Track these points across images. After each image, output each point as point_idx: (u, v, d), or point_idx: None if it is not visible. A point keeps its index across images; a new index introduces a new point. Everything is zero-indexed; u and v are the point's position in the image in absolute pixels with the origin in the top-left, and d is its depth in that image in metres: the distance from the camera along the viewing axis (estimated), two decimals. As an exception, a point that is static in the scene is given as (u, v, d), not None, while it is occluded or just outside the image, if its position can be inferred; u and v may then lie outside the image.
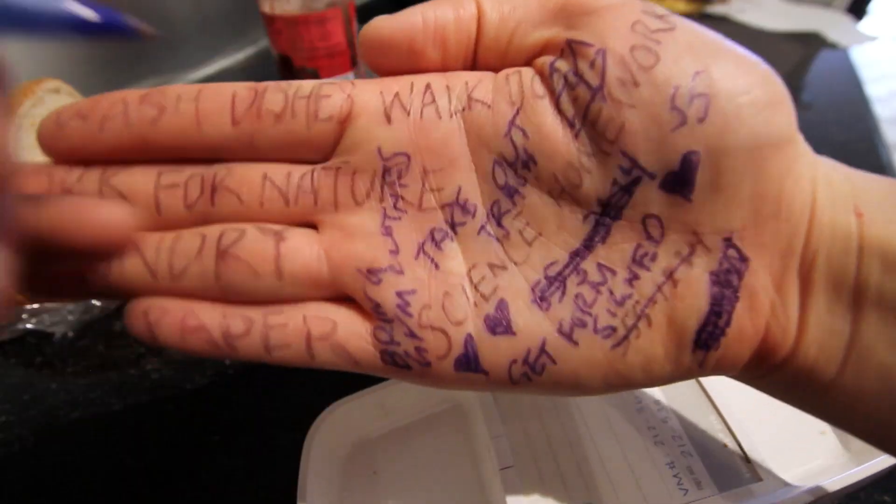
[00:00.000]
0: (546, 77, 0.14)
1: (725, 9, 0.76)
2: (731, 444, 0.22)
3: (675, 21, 0.13)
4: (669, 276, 0.13)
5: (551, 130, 0.13)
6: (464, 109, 0.14)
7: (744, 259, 0.13)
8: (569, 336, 0.14)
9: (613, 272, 0.14)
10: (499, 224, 0.14)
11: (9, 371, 0.30)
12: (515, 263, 0.14)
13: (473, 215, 0.14)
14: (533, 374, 0.14)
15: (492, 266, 0.14)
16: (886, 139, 0.51)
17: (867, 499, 0.24)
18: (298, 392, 0.29)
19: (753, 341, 0.14)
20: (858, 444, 0.23)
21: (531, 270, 0.14)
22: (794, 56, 0.66)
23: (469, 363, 0.14)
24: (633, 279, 0.14)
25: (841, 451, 0.23)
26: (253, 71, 0.64)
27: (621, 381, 0.14)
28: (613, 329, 0.14)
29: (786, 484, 0.21)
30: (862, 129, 0.52)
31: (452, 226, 0.14)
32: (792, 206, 0.13)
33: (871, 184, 0.14)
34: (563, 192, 0.14)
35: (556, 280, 0.14)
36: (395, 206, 0.14)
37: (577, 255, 0.14)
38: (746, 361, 0.14)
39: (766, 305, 0.13)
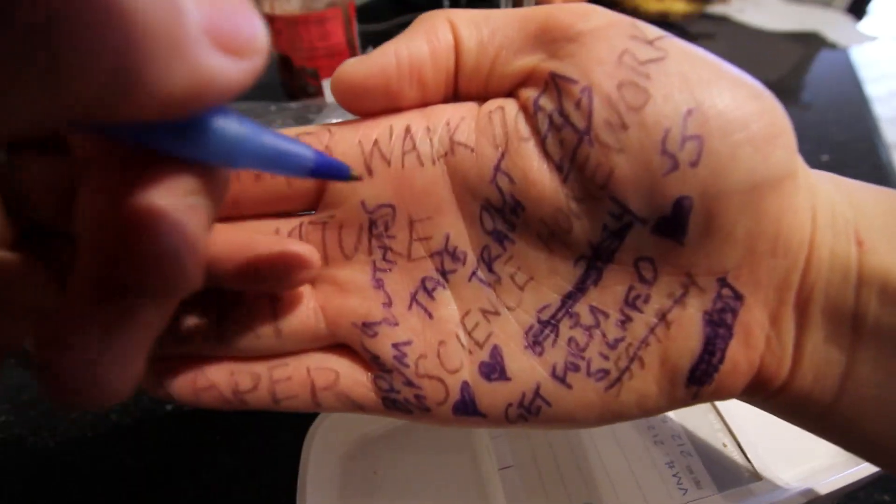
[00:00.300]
0: (530, 115, 0.13)
1: (725, 9, 0.76)
2: (731, 444, 0.22)
3: (667, 47, 0.12)
4: (662, 317, 0.13)
5: (538, 175, 0.13)
6: (446, 154, 0.13)
7: (738, 297, 0.13)
8: (562, 380, 0.14)
9: (606, 315, 0.14)
10: (490, 270, 0.14)
11: (9, 371, 0.30)
12: (508, 308, 0.14)
13: (464, 262, 0.14)
14: (529, 415, 0.14)
15: (485, 312, 0.14)
16: (886, 139, 0.51)
17: (867, 498, 0.24)
18: (298, 392, 0.29)
19: (747, 375, 0.14)
20: (858, 443, 0.23)
21: (524, 314, 0.14)
22: (794, 56, 0.66)
23: (467, 408, 0.14)
24: (625, 321, 0.13)
25: (841, 451, 0.23)
26: (253, 71, 0.63)
27: (615, 418, 0.14)
28: (606, 372, 0.14)
29: (786, 484, 0.21)
30: (862, 129, 0.52)
31: (443, 273, 0.14)
32: (790, 242, 0.12)
33: (876, 205, 0.13)
34: (553, 236, 0.13)
35: (549, 324, 0.14)
36: (384, 258, 0.14)
37: (569, 299, 0.14)
38: (741, 391, 0.14)
39: (760, 340, 0.13)
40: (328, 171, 0.11)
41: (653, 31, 0.12)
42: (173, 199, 0.09)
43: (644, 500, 0.21)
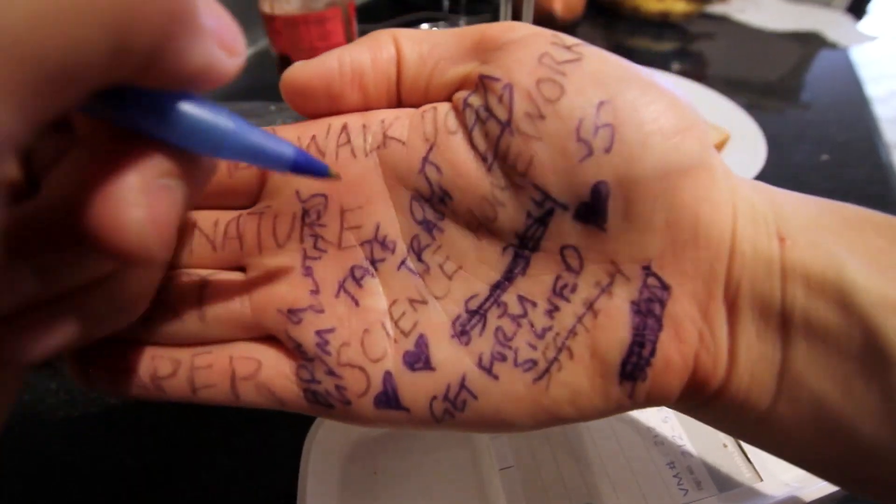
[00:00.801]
0: (460, 112, 0.14)
1: (725, 9, 0.76)
2: (732, 445, 0.22)
3: (583, 51, 0.13)
4: (590, 306, 0.13)
5: (464, 165, 0.13)
6: (379, 147, 0.14)
7: (665, 287, 0.13)
8: (488, 370, 0.14)
9: (534, 304, 0.14)
10: (419, 259, 0.14)
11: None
12: (436, 298, 0.14)
13: (393, 251, 0.14)
14: (455, 410, 0.14)
15: (412, 301, 0.14)
16: (886, 139, 0.51)
17: (867, 499, 0.24)
18: (298, 392, 0.29)
19: (683, 372, 0.13)
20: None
21: (452, 304, 0.14)
22: (794, 56, 0.66)
23: (389, 400, 0.14)
24: (553, 311, 0.14)
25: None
26: (253, 71, 0.64)
27: (549, 417, 0.14)
28: (534, 362, 0.13)
29: (786, 484, 0.21)
30: (862, 129, 0.52)
31: (373, 262, 0.14)
32: (710, 233, 0.13)
33: (797, 207, 0.14)
34: (481, 225, 0.14)
35: (477, 314, 0.14)
36: (314, 246, 0.14)
37: (497, 288, 0.14)
38: (679, 393, 0.14)
39: (692, 334, 0.13)
40: (307, 167, 0.12)
41: (571, 39, 0.13)
42: (147, 177, 0.10)
43: (644, 500, 0.21)
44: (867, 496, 0.14)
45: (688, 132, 0.13)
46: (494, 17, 0.61)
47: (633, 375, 0.13)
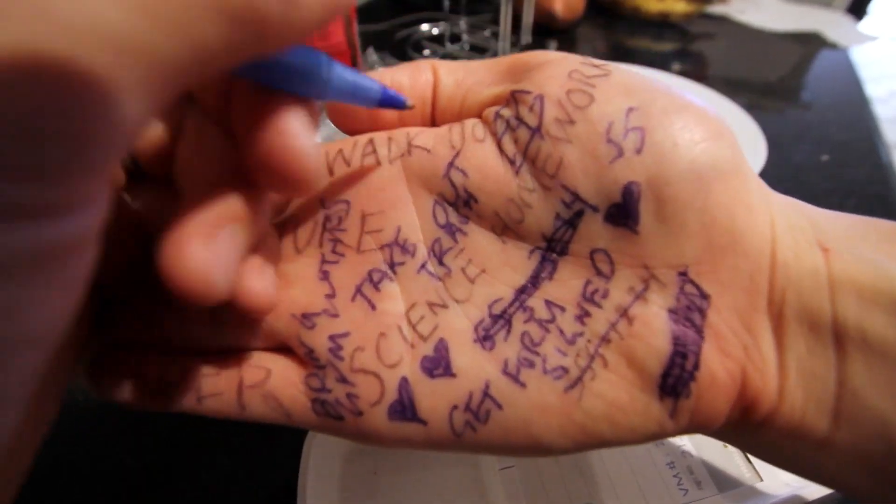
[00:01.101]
0: (489, 123, 0.14)
1: (725, 9, 0.76)
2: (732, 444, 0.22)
3: (611, 68, 0.13)
4: (623, 313, 0.13)
5: (492, 169, 0.13)
6: (403, 155, 0.14)
7: (704, 296, 0.12)
8: (515, 377, 0.13)
9: (562, 309, 0.13)
10: (440, 262, 0.14)
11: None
12: (458, 301, 0.14)
13: (413, 255, 0.14)
14: (477, 422, 0.13)
15: (431, 305, 0.14)
16: (886, 139, 0.51)
17: None
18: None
19: (730, 388, 0.13)
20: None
21: (474, 309, 0.13)
22: (794, 56, 0.66)
23: (404, 410, 0.13)
24: (583, 316, 0.13)
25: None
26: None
27: (583, 435, 0.13)
28: (565, 370, 0.13)
29: (786, 484, 0.21)
30: (862, 129, 0.52)
31: (392, 266, 0.14)
32: (748, 239, 0.12)
33: (832, 220, 0.13)
34: (507, 228, 0.14)
35: (501, 318, 0.13)
36: (333, 251, 0.14)
37: (522, 292, 0.13)
38: (727, 415, 0.13)
39: (737, 347, 0.13)
40: (390, 100, 0.13)
41: (600, 61, 0.14)
42: (301, 121, 0.11)
43: (644, 500, 0.21)
44: None
45: (720, 139, 0.13)
46: (495, 18, 0.62)
47: (676, 390, 0.12)
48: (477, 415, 0.13)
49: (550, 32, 0.66)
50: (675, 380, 0.12)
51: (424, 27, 0.66)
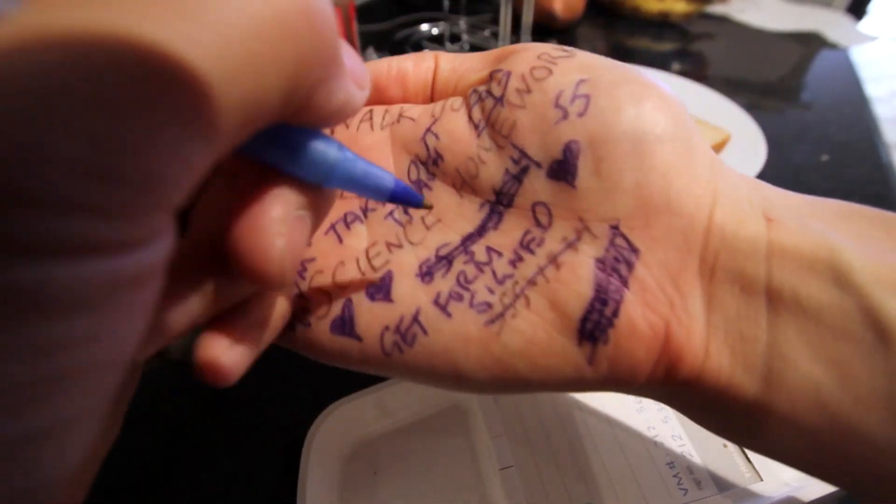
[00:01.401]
0: (467, 97, 0.16)
1: (725, 9, 0.76)
2: (731, 444, 0.22)
3: (576, 52, 0.15)
4: (553, 259, 0.14)
5: (460, 132, 0.15)
6: (393, 123, 0.16)
7: (633, 249, 0.13)
8: (443, 307, 0.14)
9: (500, 254, 0.14)
10: (405, 212, 0.16)
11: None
12: (411, 244, 0.15)
13: (384, 204, 0.16)
14: (404, 344, 0.14)
15: (389, 244, 0.15)
16: (886, 139, 0.51)
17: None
18: (298, 392, 0.29)
19: (650, 340, 0.13)
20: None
21: (424, 250, 0.15)
22: (794, 56, 0.66)
23: (344, 326, 0.15)
24: (516, 261, 0.14)
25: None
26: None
27: (500, 368, 0.14)
28: (489, 305, 0.14)
29: (786, 484, 0.21)
30: (862, 129, 0.52)
31: (365, 211, 0.16)
32: (684, 202, 0.13)
33: (786, 197, 0.14)
34: (465, 183, 0.15)
35: (445, 259, 0.15)
36: None
37: (468, 239, 0.15)
38: (651, 368, 0.13)
39: (662, 302, 0.13)
40: (404, 198, 0.13)
41: (571, 48, 0.15)
42: (286, 209, 0.11)
43: (644, 500, 0.21)
44: (877, 500, 0.13)
45: (666, 111, 0.13)
46: (494, 18, 0.61)
47: (594, 335, 0.13)
48: (405, 337, 0.14)
49: (550, 32, 0.66)
50: (593, 325, 0.13)
51: (424, 27, 0.66)
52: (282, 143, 0.11)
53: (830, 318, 0.12)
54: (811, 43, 0.69)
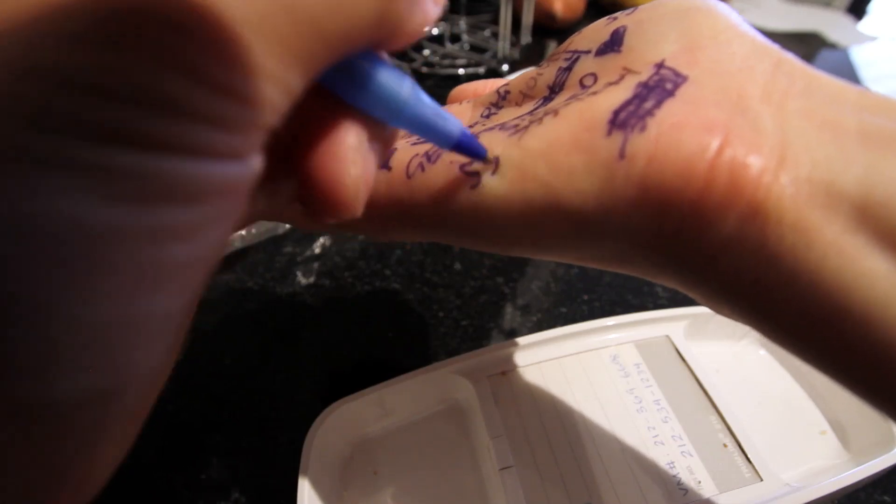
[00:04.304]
0: None
1: (725, 9, 0.76)
2: (731, 444, 0.22)
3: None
4: (593, 94, 0.13)
5: (526, 73, 0.16)
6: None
7: (680, 75, 0.12)
8: (474, 136, 0.14)
9: (541, 105, 0.15)
10: (487, 117, 0.17)
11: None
12: (483, 124, 0.16)
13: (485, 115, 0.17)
14: (427, 162, 0.14)
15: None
16: (886, 139, 0.51)
17: (867, 499, 0.24)
18: (298, 392, 0.29)
19: (702, 134, 0.10)
20: (858, 444, 0.23)
21: (488, 124, 0.16)
22: (794, 56, 0.66)
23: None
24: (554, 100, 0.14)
25: (841, 451, 0.23)
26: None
27: (520, 176, 0.12)
28: (517, 126, 0.13)
29: (786, 484, 0.21)
30: (862, 129, 0.51)
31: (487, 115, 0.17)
32: (734, 37, 0.12)
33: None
34: (525, 97, 0.16)
35: (495, 124, 0.15)
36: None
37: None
38: (703, 181, 0.10)
39: (715, 112, 0.11)
40: (468, 147, 0.13)
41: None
42: (361, 138, 0.11)
43: (644, 500, 0.21)
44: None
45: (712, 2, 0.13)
46: (494, 18, 0.61)
47: (628, 123, 0.11)
48: (429, 156, 0.14)
49: (550, 32, 0.66)
50: (628, 115, 0.11)
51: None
52: (356, 75, 0.10)
53: None
54: (811, 43, 0.69)
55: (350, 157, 0.11)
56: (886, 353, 0.09)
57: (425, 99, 0.12)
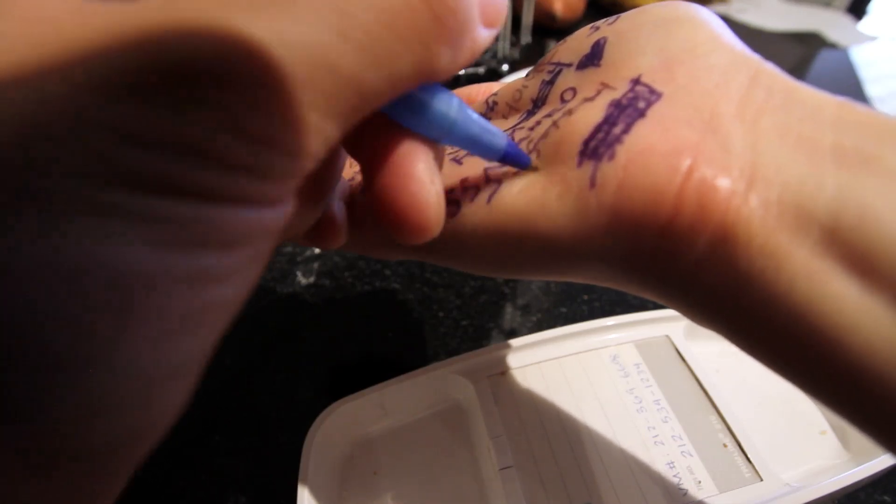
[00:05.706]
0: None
1: (725, 9, 0.76)
2: (731, 444, 0.22)
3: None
4: (569, 112, 0.13)
5: (513, 83, 0.17)
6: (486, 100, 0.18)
7: (655, 92, 0.12)
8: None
9: (521, 129, 0.15)
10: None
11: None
12: None
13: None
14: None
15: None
16: (886, 139, 0.51)
17: (867, 499, 0.24)
18: (298, 392, 0.29)
19: (672, 157, 0.10)
20: (858, 444, 0.23)
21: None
22: (794, 56, 0.66)
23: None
24: (533, 127, 0.14)
25: (841, 451, 0.23)
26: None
27: (494, 221, 0.13)
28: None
29: (786, 484, 0.21)
30: (862, 129, 0.51)
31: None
32: (712, 51, 0.12)
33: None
34: (511, 109, 0.16)
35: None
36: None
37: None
38: (674, 199, 0.10)
39: (686, 133, 0.11)
40: (514, 157, 0.13)
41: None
42: (429, 160, 0.11)
43: (644, 500, 0.21)
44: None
45: (689, 8, 0.13)
46: (494, 18, 0.61)
47: (597, 151, 0.11)
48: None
49: (550, 32, 0.66)
50: (598, 143, 0.11)
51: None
52: (408, 103, 0.11)
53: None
54: (811, 43, 0.69)
55: (428, 178, 0.11)
56: (858, 375, 0.09)
57: (472, 115, 0.12)
